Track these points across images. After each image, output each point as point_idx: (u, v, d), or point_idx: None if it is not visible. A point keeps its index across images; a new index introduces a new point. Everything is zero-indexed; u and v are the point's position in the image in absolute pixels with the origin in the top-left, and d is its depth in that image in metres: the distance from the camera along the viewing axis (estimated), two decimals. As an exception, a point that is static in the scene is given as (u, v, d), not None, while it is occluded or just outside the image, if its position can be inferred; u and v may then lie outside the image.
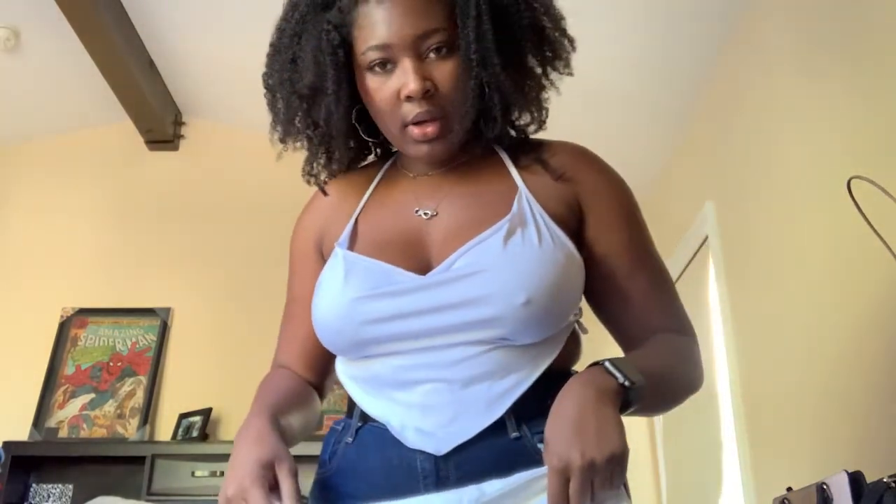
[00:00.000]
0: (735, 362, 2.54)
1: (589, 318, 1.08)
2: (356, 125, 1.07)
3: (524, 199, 1.02)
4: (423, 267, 1.00)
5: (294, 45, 1.05)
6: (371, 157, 1.17)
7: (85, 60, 3.25)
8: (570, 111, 1.26)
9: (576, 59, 1.19)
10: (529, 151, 1.08)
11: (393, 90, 0.98)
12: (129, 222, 3.79)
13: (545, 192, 1.04)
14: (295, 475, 0.92)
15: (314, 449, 1.13)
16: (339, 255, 1.04)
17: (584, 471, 0.84)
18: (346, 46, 1.01)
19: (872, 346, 1.69)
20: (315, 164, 1.11)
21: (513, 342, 0.97)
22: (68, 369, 3.49)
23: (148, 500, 3.01)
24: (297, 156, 1.17)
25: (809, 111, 2.04)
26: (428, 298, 0.97)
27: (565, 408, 0.89)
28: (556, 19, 1.10)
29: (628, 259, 1.08)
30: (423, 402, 0.96)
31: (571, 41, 1.11)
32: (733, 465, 2.52)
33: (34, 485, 3.27)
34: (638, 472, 3.36)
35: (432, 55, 0.98)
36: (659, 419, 3.31)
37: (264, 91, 1.09)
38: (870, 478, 1.27)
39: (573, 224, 1.05)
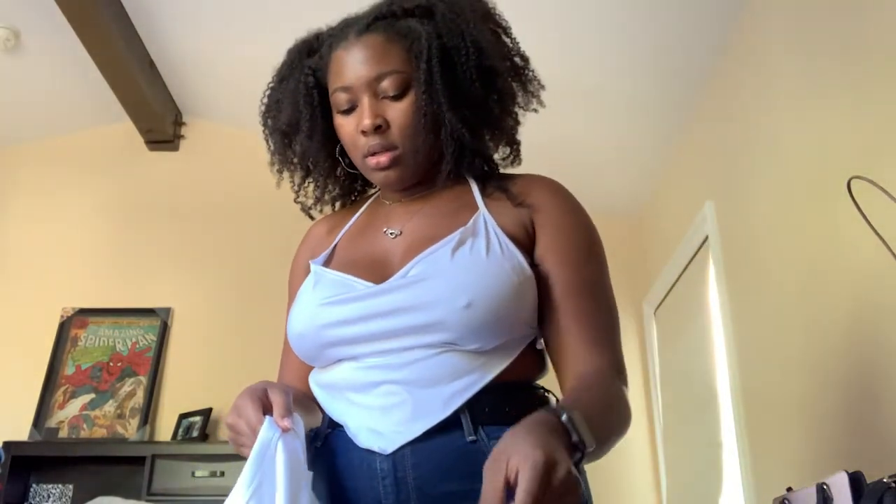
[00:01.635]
0: (735, 362, 2.54)
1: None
2: (340, 159, 1.19)
3: (481, 217, 1.10)
4: (384, 279, 1.07)
5: (280, 87, 1.21)
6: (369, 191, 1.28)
7: (85, 60, 3.25)
8: (571, 112, 1.28)
9: (576, 61, 1.21)
10: (496, 181, 1.16)
11: (353, 126, 1.11)
12: (129, 222, 3.79)
13: (503, 214, 1.11)
14: (287, 394, 0.98)
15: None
16: (313, 270, 1.14)
17: (543, 469, 0.78)
18: (320, 89, 1.16)
19: (873, 346, 1.69)
20: (301, 194, 1.25)
21: (461, 347, 1.01)
22: (68, 369, 3.49)
23: (148, 501, 3.01)
24: (280, 185, 1.26)
25: (809, 111, 2.04)
26: (382, 303, 1.03)
27: (520, 428, 0.85)
28: (514, 61, 1.18)
29: (572, 284, 1.08)
30: (381, 403, 1.02)
31: (535, 81, 1.20)
32: (733, 465, 2.52)
33: (34, 485, 3.27)
34: (638, 472, 3.36)
35: (388, 94, 1.09)
36: (659, 419, 3.31)
37: (262, 129, 1.23)
38: (870, 478, 1.26)
39: (527, 245, 1.10)
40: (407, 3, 1.14)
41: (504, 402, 1.00)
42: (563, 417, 0.88)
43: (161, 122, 3.78)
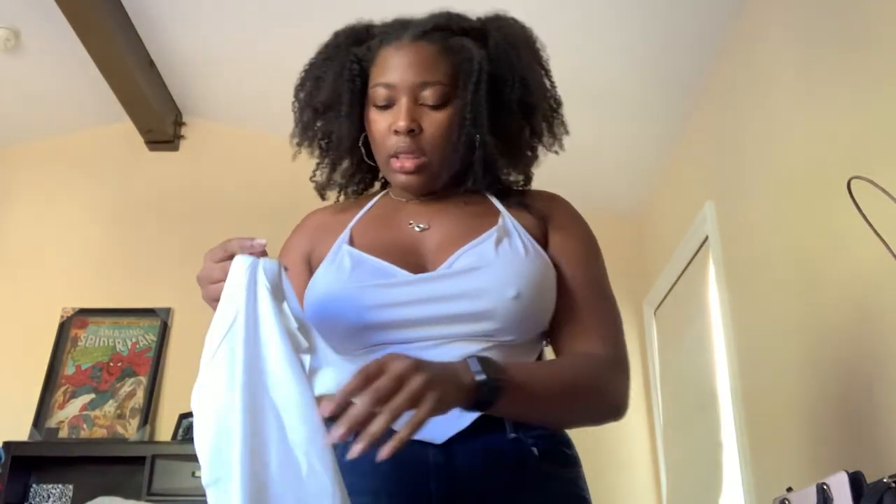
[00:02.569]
0: (735, 362, 2.54)
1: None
2: (362, 148, 1.21)
3: (507, 219, 1.16)
4: (419, 271, 1.10)
5: (322, 66, 1.21)
6: (372, 188, 1.31)
7: (85, 60, 3.25)
8: (571, 112, 1.29)
9: (576, 62, 1.25)
10: (512, 196, 1.23)
11: (387, 123, 1.14)
12: (129, 222, 3.79)
13: (521, 220, 1.17)
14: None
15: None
16: (344, 251, 1.14)
17: (398, 376, 0.84)
18: (363, 78, 1.17)
19: (873, 346, 1.69)
20: (320, 171, 1.26)
21: (499, 338, 1.06)
22: (68, 369, 3.49)
23: (148, 501, 3.01)
24: (296, 158, 1.24)
25: (809, 111, 2.04)
26: (430, 289, 1.07)
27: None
28: (550, 102, 1.23)
29: (584, 280, 1.15)
30: None
31: (562, 125, 1.25)
32: (733, 465, 2.52)
33: (34, 485, 3.27)
34: (638, 472, 3.36)
35: (428, 103, 1.13)
36: (659, 419, 3.31)
37: (293, 100, 1.24)
38: (870, 478, 1.27)
39: (543, 248, 1.17)
40: (465, 23, 1.19)
41: None
42: (472, 358, 0.93)
43: (161, 122, 3.78)
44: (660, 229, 3.47)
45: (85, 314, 3.60)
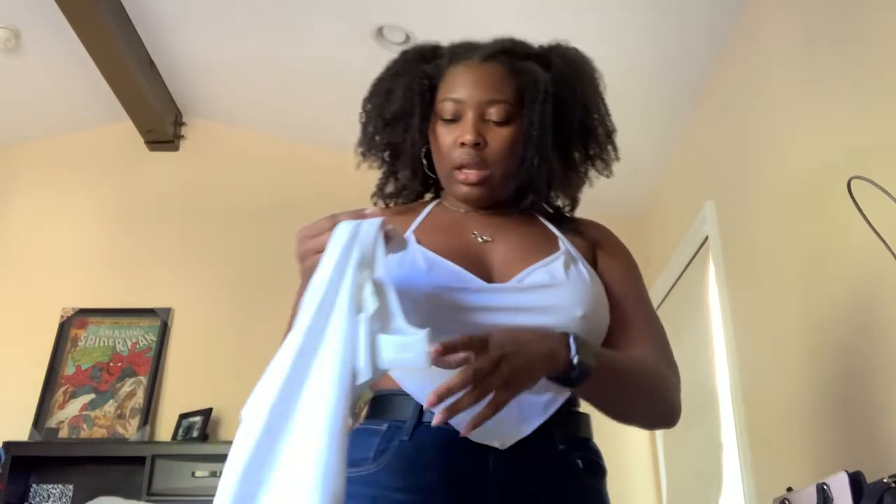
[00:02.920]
0: (735, 362, 2.54)
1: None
2: (423, 160, 1.27)
3: (566, 243, 1.22)
4: (486, 278, 1.15)
5: (392, 80, 1.27)
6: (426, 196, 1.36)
7: (85, 60, 3.25)
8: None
9: None
10: (562, 221, 1.29)
11: (453, 137, 1.19)
12: (129, 222, 3.79)
13: (577, 245, 1.24)
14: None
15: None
16: (417, 250, 1.15)
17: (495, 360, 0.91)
18: (431, 93, 1.23)
19: (873, 346, 1.69)
20: (386, 185, 1.32)
21: None
22: (68, 369, 3.49)
23: (148, 501, 3.01)
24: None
25: (809, 111, 2.04)
26: (504, 300, 1.12)
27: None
28: (608, 126, 1.30)
29: (631, 301, 1.23)
30: None
31: (614, 150, 1.31)
32: (733, 465, 2.52)
33: (34, 485, 3.27)
34: (638, 473, 3.36)
35: (493, 119, 1.19)
36: (659, 419, 3.31)
37: (360, 112, 1.31)
38: (870, 478, 1.27)
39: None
40: (529, 49, 1.26)
41: (578, 418, 1.14)
42: (570, 336, 0.99)
43: (161, 122, 3.78)
44: (660, 229, 3.47)
45: (85, 314, 3.60)
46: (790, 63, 2.17)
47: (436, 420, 0.88)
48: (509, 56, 1.23)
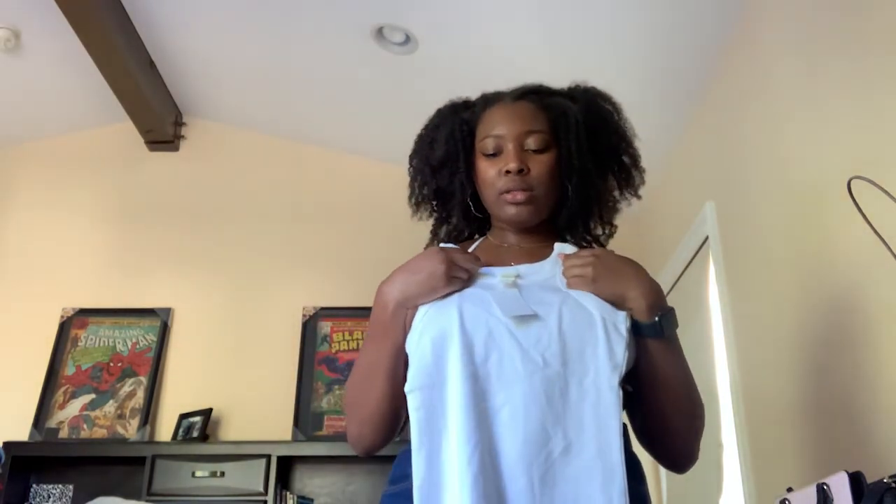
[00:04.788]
0: (735, 362, 2.53)
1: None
2: (470, 202, 1.37)
3: None
4: None
5: (433, 132, 1.40)
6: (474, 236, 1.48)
7: (85, 60, 3.25)
8: (570, 112, 1.30)
9: (576, 62, 1.30)
10: None
11: (497, 168, 1.30)
12: (129, 223, 3.79)
13: None
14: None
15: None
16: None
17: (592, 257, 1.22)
18: (471, 138, 1.35)
19: (872, 346, 1.69)
20: (439, 230, 1.44)
21: None
22: (69, 370, 3.49)
23: (148, 501, 3.01)
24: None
25: (810, 111, 2.04)
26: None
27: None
28: (634, 152, 1.40)
29: None
30: None
31: (642, 173, 1.41)
32: (733, 465, 2.52)
33: (34, 485, 3.27)
34: (638, 472, 3.35)
35: (531, 149, 1.30)
36: (659, 419, 3.31)
37: (408, 167, 1.43)
38: (870, 478, 1.26)
39: None
40: (554, 90, 1.38)
41: None
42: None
43: (161, 122, 3.78)
44: (660, 229, 3.47)
45: (85, 314, 3.60)
46: (790, 63, 2.17)
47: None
48: (538, 94, 1.35)
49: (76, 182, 3.88)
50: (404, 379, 1.16)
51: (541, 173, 1.29)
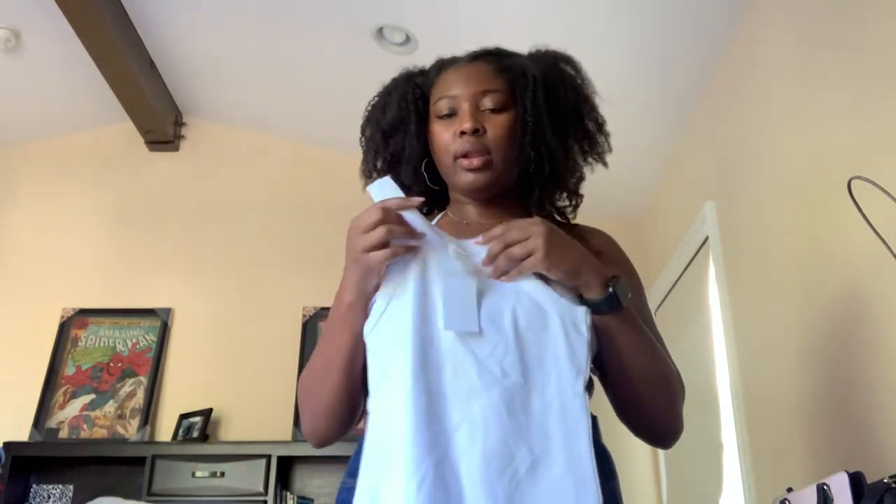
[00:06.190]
0: (735, 362, 2.54)
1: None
2: (424, 173, 1.29)
3: None
4: None
5: (386, 97, 1.33)
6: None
7: (85, 60, 3.26)
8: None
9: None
10: (567, 229, 1.24)
11: (451, 131, 1.22)
12: (129, 223, 3.79)
13: None
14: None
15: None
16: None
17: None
18: (424, 102, 1.28)
19: (873, 346, 1.69)
20: None
21: None
22: (69, 370, 3.49)
23: (148, 501, 3.01)
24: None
25: (809, 111, 2.04)
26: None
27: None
28: (597, 116, 1.32)
29: (638, 305, 1.22)
30: None
31: (607, 137, 1.33)
32: (733, 465, 2.52)
33: (34, 485, 3.27)
34: (638, 473, 3.36)
35: (488, 109, 1.22)
36: (659, 419, 3.31)
37: (359, 136, 1.34)
38: (870, 478, 1.26)
39: None
40: (512, 52, 1.31)
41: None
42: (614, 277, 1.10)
43: (161, 123, 3.78)
44: (660, 229, 3.47)
45: (85, 314, 3.60)
46: (790, 63, 2.17)
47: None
48: (495, 56, 1.28)
49: (76, 182, 3.88)
50: (363, 372, 1.10)
51: (498, 135, 1.21)
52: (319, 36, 3.10)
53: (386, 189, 1.08)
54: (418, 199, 1.09)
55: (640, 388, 1.13)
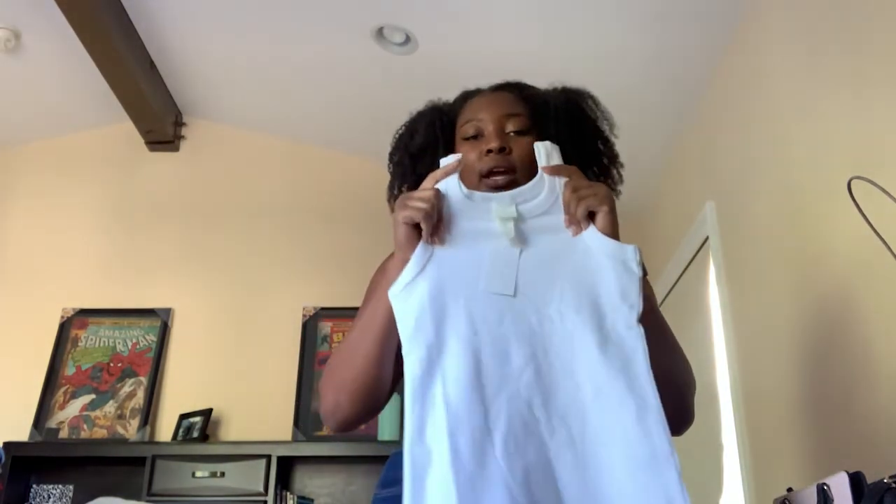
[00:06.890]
0: (735, 362, 2.54)
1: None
2: None
3: None
4: None
5: (413, 125, 1.39)
6: None
7: (85, 60, 3.26)
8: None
9: (577, 62, 1.28)
10: None
11: (478, 150, 1.27)
12: (129, 223, 3.79)
13: None
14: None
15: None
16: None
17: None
18: (451, 128, 1.35)
19: (873, 346, 1.69)
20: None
21: None
22: (69, 370, 3.49)
23: (148, 501, 3.01)
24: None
25: (810, 111, 2.04)
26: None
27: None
28: (612, 152, 1.39)
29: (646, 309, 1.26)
30: None
31: (620, 169, 1.39)
32: (733, 465, 2.52)
33: (34, 485, 3.27)
34: (638, 472, 3.35)
35: (512, 131, 1.28)
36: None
37: (388, 164, 1.41)
38: (870, 478, 1.26)
39: None
40: (532, 86, 1.38)
41: None
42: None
43: (161, 123, 3.78)
44: (660, 229, 3.47)
45: (85, 314, 3.60)
46: (790, 63, 2.17)
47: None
48: (517, 87, 1.36)
49: (76, 182, 3.88)
50: (396, 357, 1.11)
51: (522, 155, 1.25)
52: (319, 36, 3.10)
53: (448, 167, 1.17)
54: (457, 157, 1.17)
55: (662, 389, 1.16)
